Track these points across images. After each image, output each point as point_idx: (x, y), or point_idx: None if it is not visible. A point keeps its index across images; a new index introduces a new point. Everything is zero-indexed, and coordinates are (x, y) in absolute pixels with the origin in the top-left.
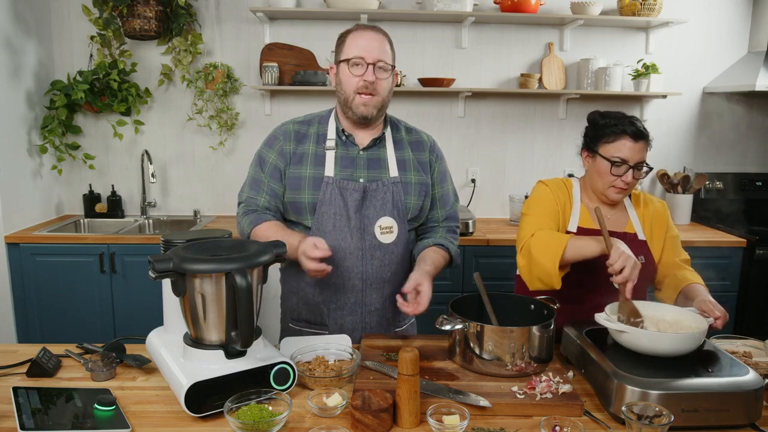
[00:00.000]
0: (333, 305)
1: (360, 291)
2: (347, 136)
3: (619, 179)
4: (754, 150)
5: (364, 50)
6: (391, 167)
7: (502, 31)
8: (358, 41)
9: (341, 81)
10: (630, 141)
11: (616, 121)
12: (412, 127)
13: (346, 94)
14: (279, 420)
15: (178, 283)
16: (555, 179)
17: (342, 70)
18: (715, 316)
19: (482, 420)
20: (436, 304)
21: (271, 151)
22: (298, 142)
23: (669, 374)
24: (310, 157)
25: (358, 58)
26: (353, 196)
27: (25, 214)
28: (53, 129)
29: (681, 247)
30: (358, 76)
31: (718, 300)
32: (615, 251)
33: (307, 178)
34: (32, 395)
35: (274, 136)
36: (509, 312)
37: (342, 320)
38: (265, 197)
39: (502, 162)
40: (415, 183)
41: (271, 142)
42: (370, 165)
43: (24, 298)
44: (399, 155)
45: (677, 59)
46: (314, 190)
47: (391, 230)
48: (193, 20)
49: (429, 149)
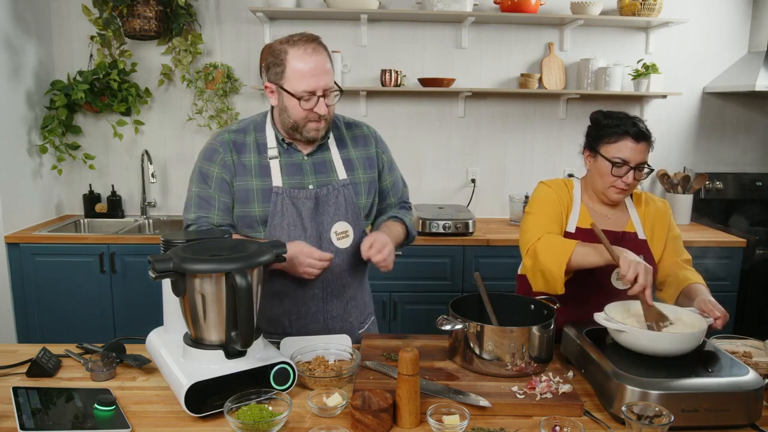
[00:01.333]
0: (294, 316)
1: (321, 299)
2: (288, 144)
3: (619, 180)
4: (754, 150)
5: (313, 81)
6: (339, 169)
7: (502, 31)
8: (302, 69)
9: (287, 108)
10: (632, 142)
11: (618, 122)
12: (350, 121)
13: (294, 121)
14: (279, 420)
15: (178, 283)
16: (556, 180)
17: (286, 98)
18: (715, 316)
19: (482, 420)
20: (436, 304)
21: (213, 164)
22: (238, 153)
23: (669, 374)
24: (253, 167)
25: (307, 93)
26: (306, 204)
27: (25, 214)
28: (53, 129)
29: (683, 247)
30: (307, 109)
31: (718, 300)
32: (624, 261)
33: (254, 190)
34: (32, 395)
35: (212, 148)
36: (509, 312)
37: (305, 329)
38: (217, 214)
39: (502, 162)
40: (363, 182)
41: (210, 155)
42: (317, 170)
43: (24, 298)
44: (344, 155)
45: (677, 59)
46: (264, 202)
47: (347, 234)
48: (193, 20)
49: (374, 143)
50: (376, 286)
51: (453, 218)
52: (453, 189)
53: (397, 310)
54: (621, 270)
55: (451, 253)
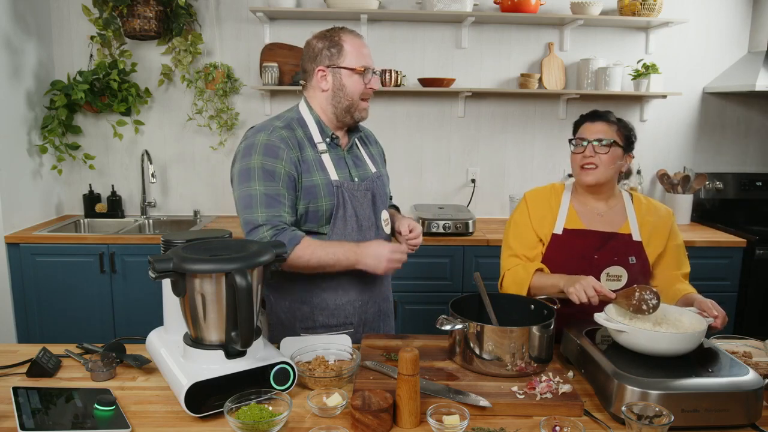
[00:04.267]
0: (359, 302)
1: (372, 282)
2: (333, 138)
3: (581, 157)
4: (754, 150)
5: (369, 59)
6: (369, 164)
7: (502, 31)
8: (362, 50)
9: (344, 86)
10: (588, 123)
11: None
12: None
13: (351, 99)
14: (279, 420)
15: (178, 283)
16: (543, 188)
17: (346, 76)
18: (714, 315)
19: (482, 420)
20: (436, 304)
21: (278, 160)
22: (299, 149)
23: (669, 374)
24: (313, 162)
25: (368, 68)
26: (364, 195)
27: (25, 214)
28: (53, 129)
29: (685, 258)
30: (366, 83)
31: (718, 300)
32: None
33: (320, 185)
34: (32, 395)
35: (272, 145)
36: (509, 312)
37: (365, 314)
38: (287, 212)
39: (502, 162)
40: (385, 174)
41: (274, 152)
42: (355, 164)
43: (24, 298)
44: (366, 151)
45: (677, 59)
46: (329, 196)
47: (388, 222)
48: (193, 20)
49: (376, 142)
50: None
51: (453, 218)
52: (453, 189)
53: (397, 310)
54: (571, 298)
55: (451, 253)
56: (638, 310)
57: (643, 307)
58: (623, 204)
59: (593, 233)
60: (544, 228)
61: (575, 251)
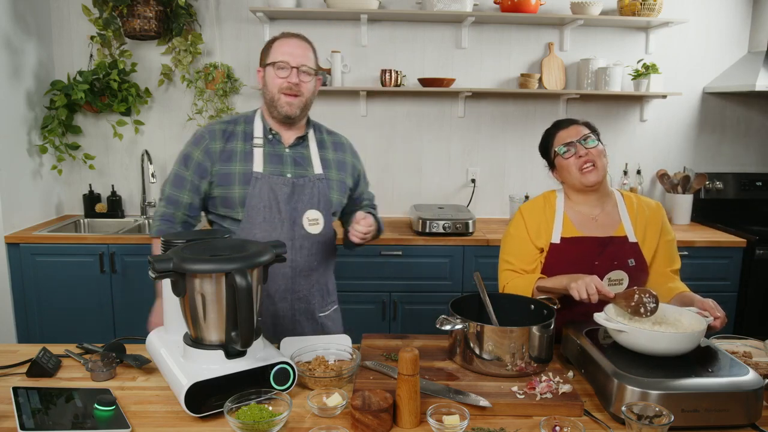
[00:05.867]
0: (264, 293)
1: (290, 278)
2: (273, 135)
3: (576, 158)
4: (754, 150)
5: (289, 55)
6: (316, 165)
7: (502, 31)
8: (283, 47)
9: (267, 83)
10: (563, 130)
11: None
12: (331, 130)
13: (271, 94)
14: (279, 420)
15: (178, 283)
16: (536, 199)
17: (268, 72)
18: (715, 315)
19: (482, 420)
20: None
21: (197, 148)
22: (225, 141)
23: (669, 374)
24: (238, 154)
25: (282, 62)
26: (282, 190)
27: (25, 214)
28: (53, 129)
29: (675, 253)
30: (282, 78)
31: (718, 300)
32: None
33: (236, 173)
34: (32, 395)
35: (200, 135)
36: (509, 312)
37: (273, 307)
38: (187, 194)
39: (502, 162)
40: (336, 180)
41: (197, 141)
42: (296, 162)
43: (24, 298)
44: (322, 155)
45: (677, 59)
46: (244, 185)
47: (317, 222)
48: (193, 20)
49: (350, 151)
50: (376, 286)
51: (453, 218)
52: (453, 189)
53: (397, 310)
54: (573, 295)
55: (451, 253)
56: (636, 312)
57: (641, 310)
58: (615, 204)
59: (590, 240)
60: (541, 239)
61: (574, 259)
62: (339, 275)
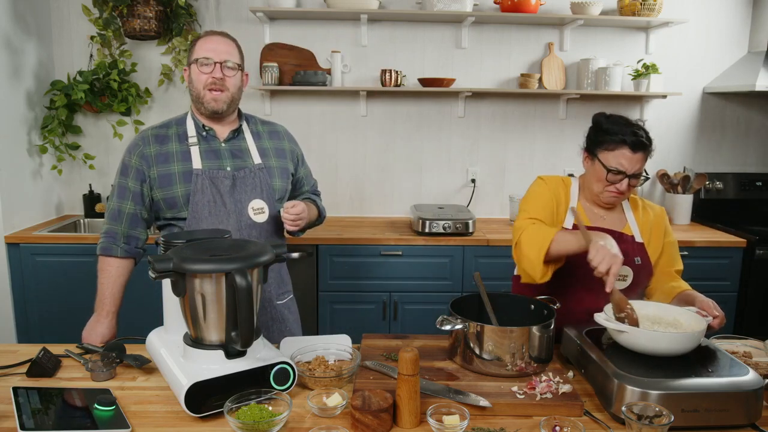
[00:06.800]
0: None
1: None
2: (207, 131)
3: (613, 186)
4: (754, 150)
5: (212, 51)
6: (254, 155)
7: (502, 31)
8: (207, 44)
9: (192, 80)
10: (629, 152)
11: (618, 129)
12: (265, 120)
13: (197, 90)
14: (279, 420)
15: (178, 283)
16: (554, 176)
17: (193, 69)
18: (714, 315)
19: (482, 420)
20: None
21: (132, 155)
22: (159, 144)
23: (669, 374)
24: (175, 154)
25: (205, 58)
26: (224, 183)
27: (25, 214)
28: (53, 129)
29: (678, 255)
30: (206, 74)
31: (718, 300)
32: (593, 246)
33: (176, 173)
34: (32, 395)
35: (134, 143)
36: (509, 312)
37: None
38: (130, 204)
39: (502, 162)
40: (276, 167)
41: (131, 149)
42: (234, 155)
43: (24, 298)
44: (259, 145)
45: (677, 59)
46: (185, 183)
47: (263, 211)
48: (193, 20)
49: (286, 139)
50: (376, 286)
51: (453, 218)
52: (453, 189)
53: (397, 310)
54: (589, 254)
55: (451, 253)
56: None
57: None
58: (622, 207)
59: (602, 231)
60: (561, 210)
61: None
62: (339, 275)
